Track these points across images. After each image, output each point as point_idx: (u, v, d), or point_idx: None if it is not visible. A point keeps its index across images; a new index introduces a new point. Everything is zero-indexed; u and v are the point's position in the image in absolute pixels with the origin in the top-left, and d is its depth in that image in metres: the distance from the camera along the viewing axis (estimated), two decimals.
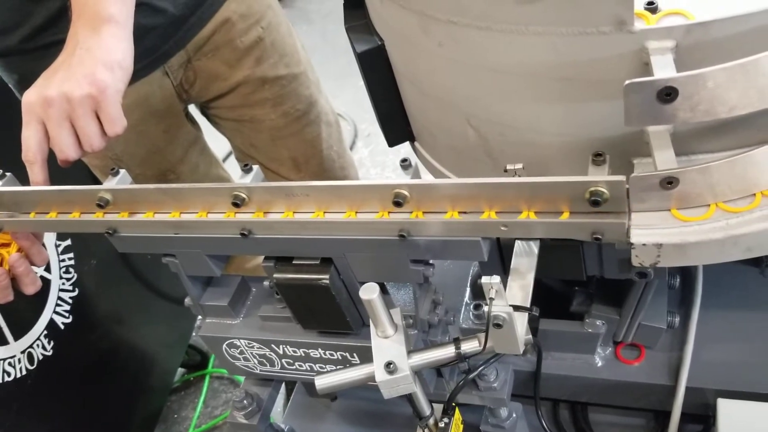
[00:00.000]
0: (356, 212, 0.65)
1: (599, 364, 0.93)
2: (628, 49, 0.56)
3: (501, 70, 0.64)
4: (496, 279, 0.58)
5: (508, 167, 0.66)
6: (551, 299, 0.94)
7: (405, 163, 0.68)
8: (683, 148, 0.62)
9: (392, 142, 0.89)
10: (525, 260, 0.68)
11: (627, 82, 0.52)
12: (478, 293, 0.97)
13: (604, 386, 0.93)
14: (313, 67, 1.36)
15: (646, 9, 0.84)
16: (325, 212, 0.66)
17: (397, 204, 0.65)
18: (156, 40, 1.12)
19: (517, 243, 0.68)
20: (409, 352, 0.65)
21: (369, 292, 0.63)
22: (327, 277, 0.72)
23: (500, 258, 0.74)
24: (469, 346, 0.65)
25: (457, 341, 0.66)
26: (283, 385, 1.02)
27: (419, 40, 0.70)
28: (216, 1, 1.17)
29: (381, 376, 0.63)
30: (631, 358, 0.92)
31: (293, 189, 0.69)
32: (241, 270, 1.58)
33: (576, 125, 0.64)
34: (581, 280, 0.76)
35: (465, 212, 0.65)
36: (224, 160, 1.80)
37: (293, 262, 0.74)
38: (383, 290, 0.79)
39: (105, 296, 1.59)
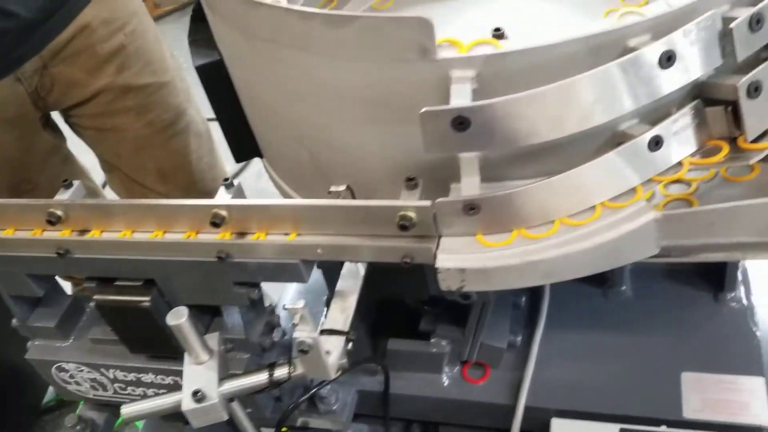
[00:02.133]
0: (164, 232, 0.63)
1: (446, 383, 0.93)
2: (433, 77, 0.56)
3: (323, 92, 0.64)
4: (300, 303, 0.57)
5: (332, 189, 0.66)
6: (406, 318, 0.94)
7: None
8: (496, 174, 0.63)
9: (239, 157, 0.87)
10: (350, 282, 0.67)
11: (422, 110, 0.52)
12: None
13: (451, 406, 0.93)
14: (184, 76, 1.32)
15: (493, 36, 0.87)
16: (135, 231, 0.64)
17: (215, 225, 0.63)
18: (6, 46, 1.06)
19: (346, 264, 0.68)
20: (222, 378, 0.63)
21: (176, 316, 0.60)
22: (148, 299, 0.69)
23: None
24: (282, 372, 0.64)
25: (271, 366, 0.64)
26: None
27: (249, 57, 0.69)
28: (74, 6, 1.12)
29: (187, 404, 0.61)
30: (476, 377, 0.93)
31: (111, 207, 0.67)
32: None
33: (395, 149, 0.65)
34: (424, 299, 0.76)
35: (285, 233, 0.64)
36: None
37: (115, 283, 0.71)
38: (218, 312, 0.77)
39: None
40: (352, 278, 0.67)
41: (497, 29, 0.86)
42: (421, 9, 0.89)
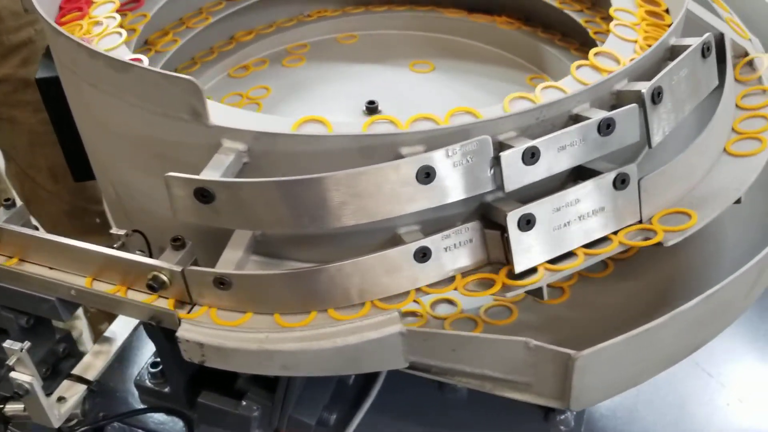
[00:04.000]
0: None
1: None
2: (206, 142, 0.55)
3: (114, 131, 0.62)
4: (16, 345, 0.54)
5: (112, 231, 0.64)
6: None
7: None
8: (278, 251, 0.61)
9: (77, 177, 0.85)
10: (118, 329, 0.65)
11: (167, 174, 0.50)
12: None
13: None
14: None
15: (367, 108, 0.86)
16: None
17: None
18: None
19: None
20: None
21: None
22: None
23: None
24: (14, 408, 0.61)
25: (5, 401, 0.61)
26: None
27: (65, 82, 0.67)
28: None
29: None
30: None
31: None
32: None
33: None
34: None
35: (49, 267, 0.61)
36: None
37: None
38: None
39: None
40: (122, 325, 0.65)
41: (371, 102, 0.86)
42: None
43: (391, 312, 0.54)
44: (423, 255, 0.55)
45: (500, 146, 0.54)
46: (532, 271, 0.55)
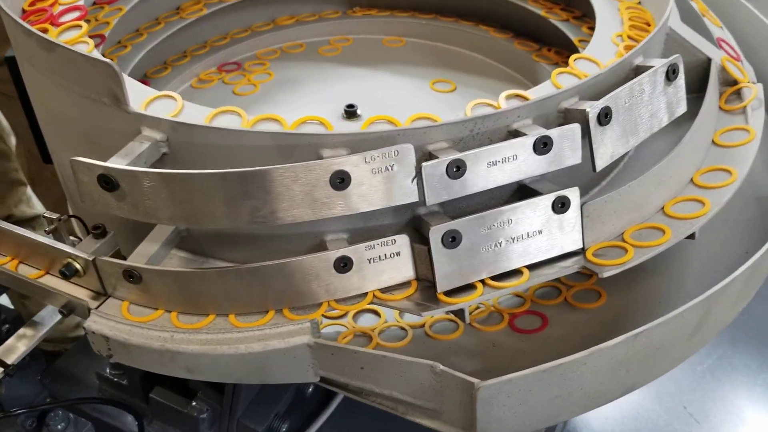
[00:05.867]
0: None
1: None
2: (126, 127, 0.53)
3: (51, 113, 0.61)
4: None
5: (45, 215, 0.62)
6: None
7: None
8: (203, 249, 0.59)
9: (45, 159, 0.84)
10: (46, 315, 0.63)
11: (72, 158, 0.48)
12: None
13: None
14: None
15: (345, 112, 0.83)
16: None
17: None
18: None
19: None
20: None
21: None
22: None
23: None
24: None
25: None
26: None
27: (18, 61, 0.66)
28: None
29: None
30: None
31: None
32: None
33: None
34: None
35: None
36: None
37: None
38: None
39: None
40: (51, 311, 0.63)
41: (350, 105, 0.84)
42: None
43: (302, 322, 0.52)
44: (344, 265, 0.52)
45: (429, 156, 0.51)
46: (461, 290, 0.52)
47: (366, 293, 0.53)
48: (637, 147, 0.60)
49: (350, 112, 0.83)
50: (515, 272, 0.53)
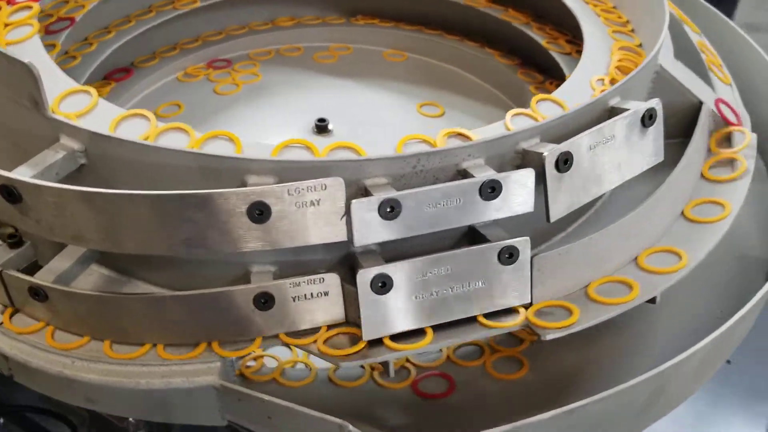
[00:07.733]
0: None
1: None
2: (47, 134, 0.49)
3: None
4: None
5: None
6: None
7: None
8: (126, 267, 0.55)
9: None
10: None
11: None
12: None
13: None
14: None
15: (316, 126, 0.79)
16: None
17: None
18: None
19: None
20: None
21: None
22: None
23: None
24: None
25: None
26: None
27: None
28: None
29: None
30: None
31: None
32: None
33: None
34: None
35: None
36: None
37: None
38: None
39: None
40: None
41: (321, 120, 0.79)
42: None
43: (210, 360, 0.47)
44: (264, 302, 0.48)
45: (365, 192, 0.46)
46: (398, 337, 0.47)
47: (298, 332, 0.49)
48: (615, 190, 0.55)
49: (321, 127, 0.79)
50: (436, 328, 0.48)
